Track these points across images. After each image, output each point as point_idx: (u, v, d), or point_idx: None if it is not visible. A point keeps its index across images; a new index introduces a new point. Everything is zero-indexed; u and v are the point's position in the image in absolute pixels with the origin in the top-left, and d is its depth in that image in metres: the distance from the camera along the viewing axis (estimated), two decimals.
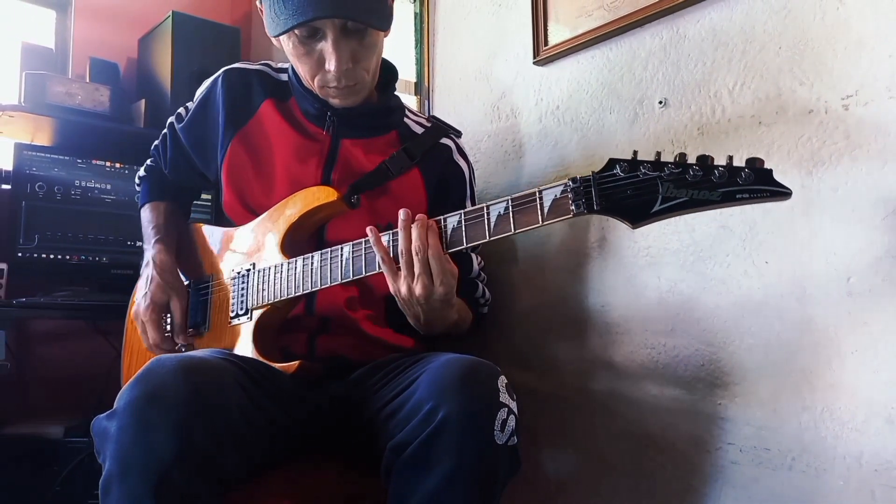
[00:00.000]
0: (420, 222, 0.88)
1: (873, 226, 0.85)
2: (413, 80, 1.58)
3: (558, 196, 0.80)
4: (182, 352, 1.06)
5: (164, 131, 1.21)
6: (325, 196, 1.02)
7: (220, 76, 1.13)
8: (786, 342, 0.93)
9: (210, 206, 1.61)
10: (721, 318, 1.00)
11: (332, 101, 1.05)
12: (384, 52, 1.09)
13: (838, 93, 0.89)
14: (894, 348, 0.84)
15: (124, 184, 1.70)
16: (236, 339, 1.04)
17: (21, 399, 1.69)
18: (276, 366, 0.96)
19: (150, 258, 1.11)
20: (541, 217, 0.81)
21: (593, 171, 0.78)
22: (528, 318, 1.29)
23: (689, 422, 1.03)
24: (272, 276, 1.01)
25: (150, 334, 1.06)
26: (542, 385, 1.25)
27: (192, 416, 0.73)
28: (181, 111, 1.19)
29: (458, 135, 1.20)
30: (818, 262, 0.90)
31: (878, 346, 0.85)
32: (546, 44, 1.26)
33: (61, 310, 1.51)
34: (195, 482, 0.74)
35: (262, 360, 0.98)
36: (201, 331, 1.10)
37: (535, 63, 1.30)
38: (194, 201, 1.34)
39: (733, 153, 0.98)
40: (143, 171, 1.26)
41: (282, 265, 1.01)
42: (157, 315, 1.06)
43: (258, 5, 1.01)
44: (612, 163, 0.77)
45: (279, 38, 1.01)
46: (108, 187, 1.68)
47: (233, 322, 1.05)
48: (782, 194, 0.71)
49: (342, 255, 0.95)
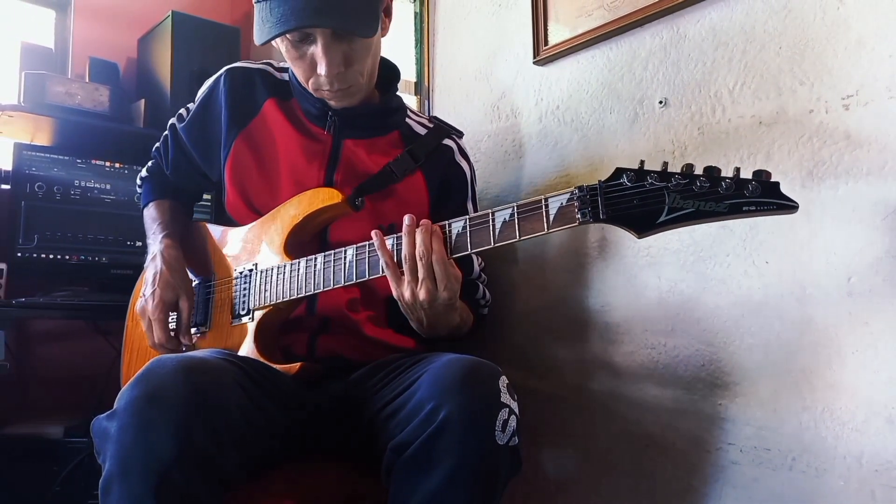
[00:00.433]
0: (424, 227, 0.88)
1: (874, 226, 0.85)
2: (413, 79, 1.58)
3: (564, 204, 0.79)
4: (184, 351, 1.06)
5: (166, 133, 1.20)
6: (329, 198, 1.01)
7: (222, 75, 1.12)
8: (786, 342, 0.93)
9: (210, 206, 1.61)
10: (721, 318, 1.00)
11: (330, 103, 1.05)
12: (383, 52, 1.08)
13: (839, 93, 0.89)
14: (894, 348, 0.83)
15: (124, 184, 1.70)
16: (237, 340, 1.04)
17: (21, 399, 1.68)
18: (278, 367, 0.96)
19: (157, 251, 1.08)
20: (546, 225, 0.80)
21: (600, 180, 0.77)
22: (529, 318, 1.29)
23: (689, 422, 1.03)
24: (275, 277, 1.01)
25: (157, 333, 1.04)
26: (542, 385, 1.25)
27: (192, 417, 0.73)
28: (182, 112, 1.18)
29: (460, 135, 1.20)
30: (818, 262, 0.90)
31: (879, 346, 0.85)
32: (546, 43, 1.26)
33: (61, 310, 1.50)
34: (195, 482, 0.74)
35: (262, 360, 0.97)
36: (202, 330, 1.10)
37: (535, 63, 1.30)
38: (196, 203, 1.33)
39: (733, 153, 0.99)
40: (144, 172, 1.25)
41: (284, 266, 1.01)
42: (164, 314, 1.04)
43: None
44: (619, 172, 0.76)
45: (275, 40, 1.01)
46: (108, 187, 1.67)
47: (234, 322, 1.05)
48: (789, 207, 0.70)
49: (345, 258, 0.95)
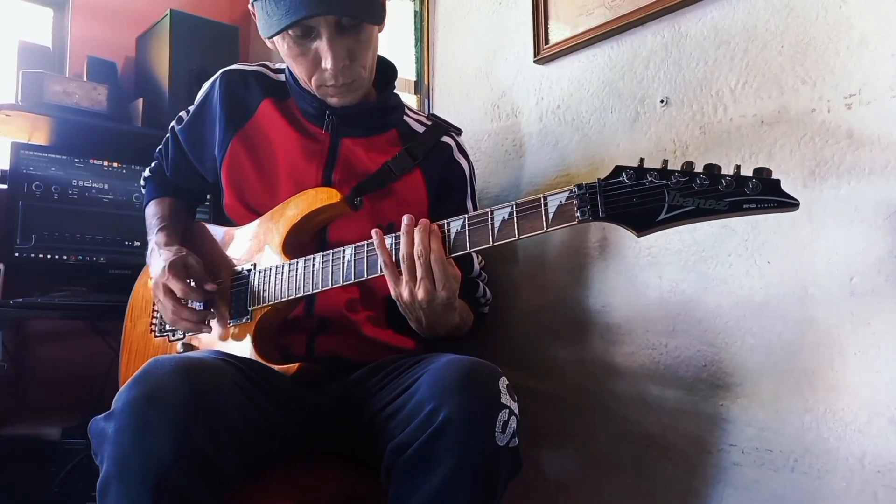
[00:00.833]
0: (423, 226, 0.87)
1: (876, 225, 0.85)
2: (413, 78, 1.57)
3: (563, 202, 0.79)
4: (207, 308, 1.03)
5: (167, 135, 1.21)
6: (327, 197, 1.01)
7: (217, 78, 1.13)
8: (788, 343, 0.92)
9: (210, 206, 1.60)
10: (723, 318, 1.00)
11: (331, 101, 1.04)
12: (382, 50, 1.08)
13: (841, 92, 0.89)
14: None
15: (122, 183, 1.70)
16: (236, 340, 1.03)
17: (18, 400, 1.68)
18: (276, 367, 0.96)
19: (154, 245, 1.10)
20: (545, 223, 0.80)
21: (599, 178, 0.77)
22: (529, 318, 1.28)
23: (690, 423, 1.03)
24: (273, 277, 1.01)
25: (176, 286, 0.98)
26: (542, 385, 1.24)
27: (190, 417, 0.73)
28: (182, 114, 1.19)
29: (458, 133, 1.19)
30: (820, 261, 0.90)
31: (881, 347, 0.84)
32: (547, 42, 1.26)
33: (59, 310, 1.50)
34: (194, 483, 0.73)
35: (261, 361, 0.97)
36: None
37: (535, 62, 1.29)
38: (200, 204, 1.33)
39: (735, 153, 0.99)
40: (147, 173, 1.26)
41: (283, 266, 1.00)
42: (178, 273, 0.99)
43: (251, 9, 1.00)
44: (619, 170, 0.76)
45: (273, 39, 1.00)
46: (106, 187, 1.67)
47: (232, 322, 1.04)
48: (790, 205, 0.70)
49: (344, 257, 0.94)
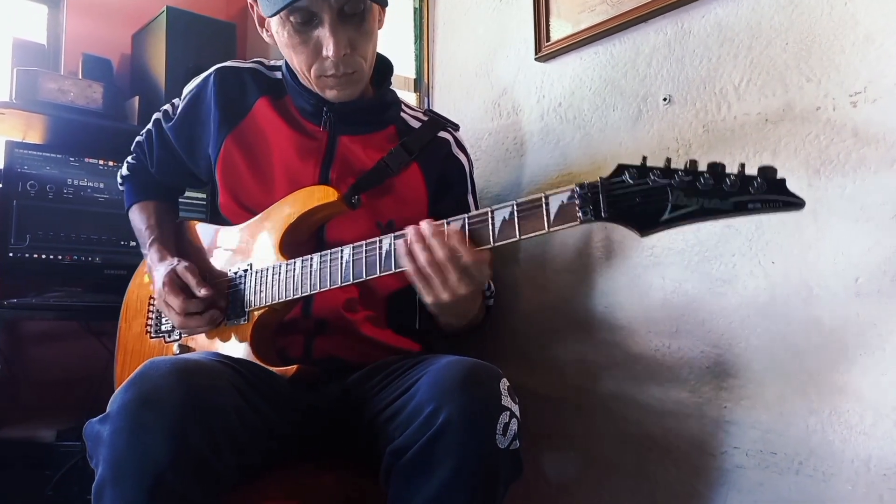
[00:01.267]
0: (440, 233, 0.84)
1: (882, 225, 0.84)
2: (412, 76, 1.57)
3: (565, 202, 0.78)
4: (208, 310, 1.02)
5: (149, 128, 1.18)
6: (324, 196, 1.00)
7: (211, 74, 1.11)
8: (792, 344, 0.92)
9: (205, 205, 1.59)
10: (726, 319, 0.99)
11: (329, 94, 1.02)
12: (380, 48, 1.07)
13: (846, 89, 0.88)
14: None
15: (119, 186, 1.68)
16: (232, 342, 1.02)
17: (12, 402, 1.67)
18: (274, 370, 0.95)
19: (150, 263, 1.09)
20: (547, 223, 0.78)
21: (601, 178, 0.76)
22: (530, 318, 1.28)
23: (693, 425, 1.02)
24: (270, 278, 1.00)
25: (174, 302, 0.99)
26: (543, 387, 1.24)
27: (187, 419, 0.73)
28: (168, 108, 1.16)
29: (456, 128, 1.18)
30: (825, 262, 0.89)
31: (887, 348, 0.84)
32: (548, 39, 1.25)
33: (53, 311, 1.50)
34: (191, 486, 0.73)
35: (258, 362, 0.96)
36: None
37: (536, 59, 1.28)
38: (190, 201, 1.32)
39: (739, 151, 0.98)
40: (125, 171, 1.22)
41: (280, 266, 0.99)
42: (171, 287, 1.00)
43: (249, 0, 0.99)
44: (621, 169, 0.75)
45: (272, 31, 0.99)
46: (102, 186, 1.66)
47: (229, 324, 1.03)
48: (795, 205, 0.69)
49: (342, 257, 0.93)
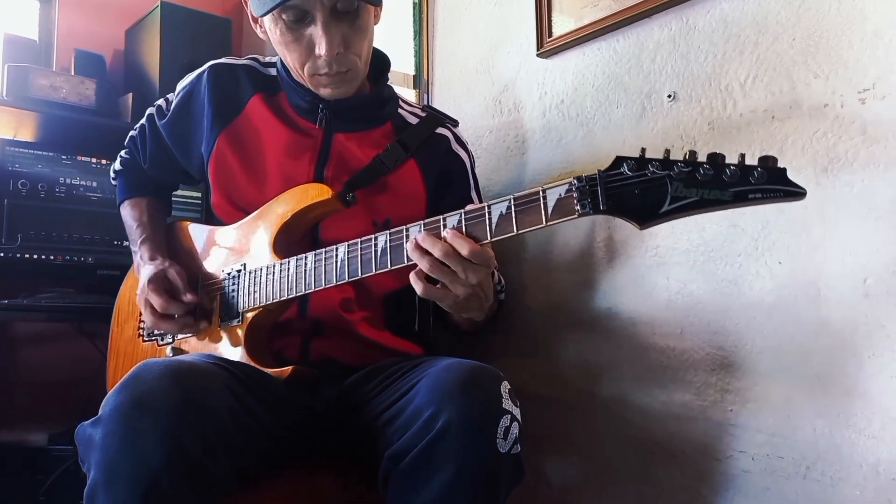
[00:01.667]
0: (447, 234, 0.82)
1: (891, 224, 0.84)
2: (412, 73, 1.55)
3: (563, 195, 0.77)
4: (189, 316, 1.01)
5: (143, 123, 1.17)
6: (318, 194, 0.99)
7: (205, 71, 1.10)
8: (799, 345, 0.91)
9: (200, 204, 1.58)
10: (732, 320, 0.98)
11: (324, 92, 1.01)
12: (379, 44, 1.06)
13: (854, 86, 0.88)
14: None
15: (111, 181, 1.67)
16: (227, 343, 1.01)
17: (3, 405, 1.66)
18: (269, 371, 0.94)
19: (138, 260, 1.09)
20: (545, 217, 0.78)
21: (599, 170, 0.75)
22: (533, 319, 1.27)
23: (698, 428, 1.01)
24: (264, 278, 0.98)
25: (156, 300, 0.98)
26: (546, 389, 1.23)
27: (181, 422, 0.72)
28: (161, 104, 1.15)
29: (455, 124, 1.17)
30: (833, 262, 0.89)
31: None
32: (550, 35, 1.24)
33: (45, 312, 1.50)
34: (185, 490, 0.72)
35: (253, 364, 0.96)
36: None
37: (538, 55, 1.27)
38: (184, 200, 1.30)
39: (745, 149, 0.96)
40: (118, 165, 1.22)
41: (274, 266, 0.98)
42: (156, 285, 0.99)
43: None
44: (619, 161, 0.75)
45: (265, 27, 0.98)
46: (94, 185, 1.65)
47: (223, 325, 1.02)
48: (796, 194, 0.69)
49: (337, 256, 0.92)
